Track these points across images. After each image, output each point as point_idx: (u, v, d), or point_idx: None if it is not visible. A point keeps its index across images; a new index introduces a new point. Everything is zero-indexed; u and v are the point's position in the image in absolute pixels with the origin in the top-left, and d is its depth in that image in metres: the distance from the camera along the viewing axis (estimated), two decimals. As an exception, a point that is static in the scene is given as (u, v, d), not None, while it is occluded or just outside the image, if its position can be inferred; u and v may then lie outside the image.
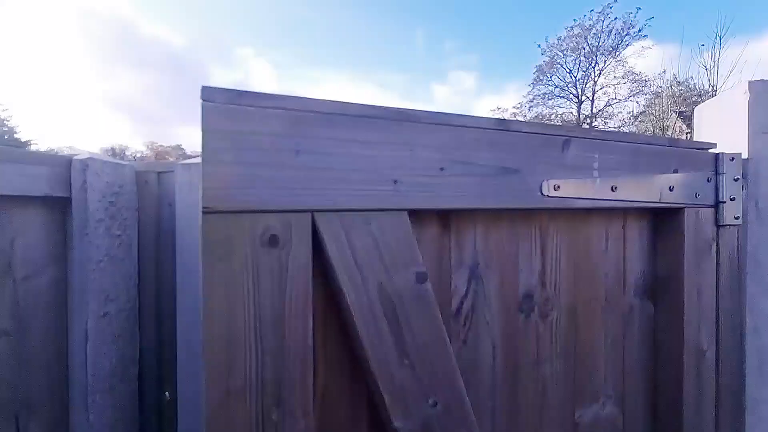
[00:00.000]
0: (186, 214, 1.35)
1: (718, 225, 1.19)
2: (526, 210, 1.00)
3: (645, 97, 21.47)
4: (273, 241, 0.69)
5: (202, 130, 0.65)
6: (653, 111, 18.06)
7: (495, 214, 1.00)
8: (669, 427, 1.18)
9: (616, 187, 1.04)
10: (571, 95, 24.01)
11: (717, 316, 1.19)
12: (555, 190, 0.96)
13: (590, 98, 23.66)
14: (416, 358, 0.81)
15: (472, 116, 0.87)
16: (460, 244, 0.96)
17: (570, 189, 0.98)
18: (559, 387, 1.08)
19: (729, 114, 1.17)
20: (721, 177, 1.17)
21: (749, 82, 1.13)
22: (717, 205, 1.18)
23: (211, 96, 0.66)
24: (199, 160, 1.80)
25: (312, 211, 0.72)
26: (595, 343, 1.13)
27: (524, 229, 1.04)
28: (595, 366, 1.14)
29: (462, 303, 0.96)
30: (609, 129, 21.85)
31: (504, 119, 0.93)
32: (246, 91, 0.68)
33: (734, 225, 1.18)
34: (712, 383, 1.18)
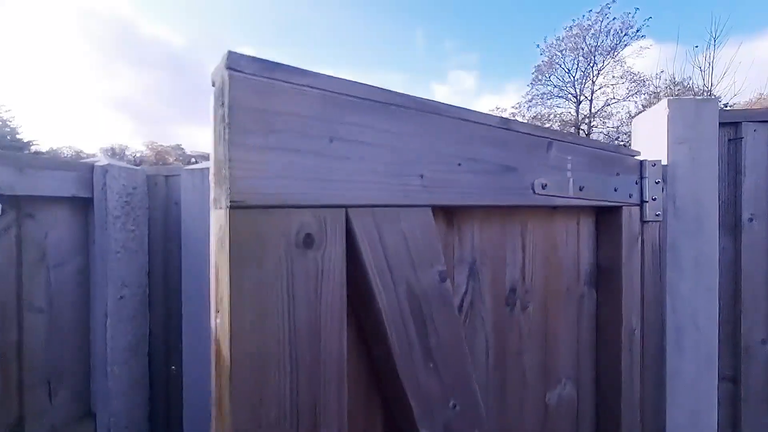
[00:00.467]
0: (190, 213, 1.50)
1: (643, 221, 1.38)
2: (517, 207, 1.04)
3: (644, 97, 21.16)
4: (308, 241, 0.60)
5: (229, 106, 0.52)
6: (649, 111, 18.60)
7: (488, 210, 1.01)
8: (610, 398, 1.34)
9: (583, 188, 1.14)
10: (569, 95, 23.64)
11: (642, 299, 1.39)
12: (543, 188, 1.01)
13: (589, 98, 23.35)
14: (439, 361, 0.78)
15: (482, 113, 0.87)
16: (462, 241, 0.96)
17: (552, 188, 1.04)
18: (534, 374, 1.15)
19: (655, 126, 1.37)
20: (645, 180, 1.36)
21: (668, 100, 1.34)
22: (642, 204, 1.37)
23: (239, 64, 0.53)
24: (202, 165, 1.53)
25: (346, 207, 0.64)
26: (559, 329, 1.23)
27: (510, 226, 1.08)
28: (560, 351, 1.23)
29: (463, 300, 0.96)
30: (608, 129, 22.14)
31: (506, 119, 0.95)
32: (279, 63, 0.57)
33: (656, 221, 1.39)
34: (639, 356, 1.38)
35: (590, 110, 23.58)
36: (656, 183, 1.37)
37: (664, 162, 1.36)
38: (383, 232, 0.69)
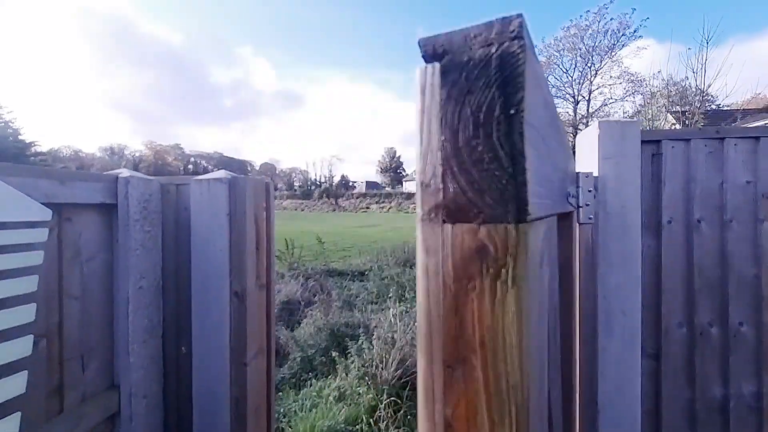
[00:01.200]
0: (198, 217, 1.78)
1: (579, 223, 1.64)
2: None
3: (641, 97, 21.34)
4: (543, 256, 0.52)
5: (525, 88, 0.39)
6: (646, 111, 17.97)
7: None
8: (565, 374, 1.58)
9: (569, 195, 1.37)
10: (567, 95, 23.62)
11: (579, 288, 1.65)
12: (569, 197, 1.15)
13: (586, 98, 23.47)
14: (551, 362, 0.84)
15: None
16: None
17: (570, 196, 1.24)
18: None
19: (590, 143, 1.63)
20: (580, 189, 1.62)
21: (599, 122, 1.60)
22: (578, 209, 1.63)
23: (521, 34, 0.41)
24: (208, 176, 1.79)
25: (550, 216, 0.58)
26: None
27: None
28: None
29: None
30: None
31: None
32: (522, 35, 0.44)
33: (589, 223, 1.65)
34: (579, 338, 1.64)
35: (588, 110, 23.87)
36: (589, 191, 1.63)
37: (596, 174, 1.63)
38: (551, 243, 0.67)
